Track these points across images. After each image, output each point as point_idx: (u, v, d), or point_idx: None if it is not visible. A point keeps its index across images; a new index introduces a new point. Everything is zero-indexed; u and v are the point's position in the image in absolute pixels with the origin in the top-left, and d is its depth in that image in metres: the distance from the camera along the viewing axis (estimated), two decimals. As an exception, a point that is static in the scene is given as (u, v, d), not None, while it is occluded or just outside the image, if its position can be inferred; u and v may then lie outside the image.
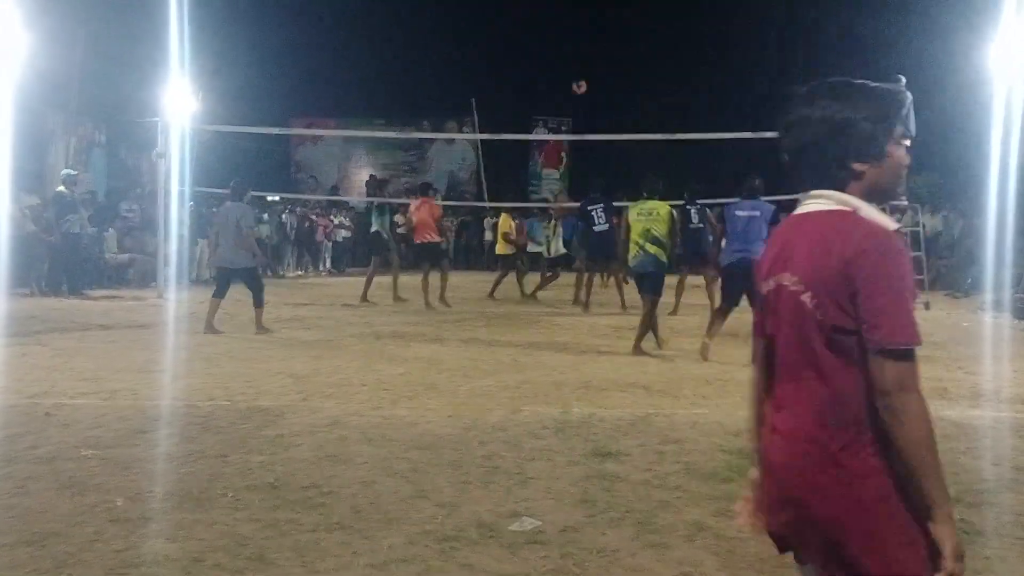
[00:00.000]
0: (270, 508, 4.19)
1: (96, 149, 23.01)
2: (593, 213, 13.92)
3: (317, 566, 3.52)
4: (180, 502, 4.28)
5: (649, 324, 9.36)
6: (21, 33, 13.12)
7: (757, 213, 9.14)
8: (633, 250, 9.22)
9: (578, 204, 15.08)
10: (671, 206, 9.63)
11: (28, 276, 15.50)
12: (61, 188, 15.76)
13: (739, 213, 9.17)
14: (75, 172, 16.79)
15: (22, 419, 5.96)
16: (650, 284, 9.33)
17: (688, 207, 13.39)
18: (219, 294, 10.85)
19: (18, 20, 12.93)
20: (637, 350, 9.18)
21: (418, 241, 14.31)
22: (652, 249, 9.14)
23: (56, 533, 3.83)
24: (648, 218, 9.20)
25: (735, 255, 8.96)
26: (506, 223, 16.71)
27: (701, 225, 13.22)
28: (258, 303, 10.83)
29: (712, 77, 30.08)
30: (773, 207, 9.44)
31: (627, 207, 9.70)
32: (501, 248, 16.86)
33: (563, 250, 16.80)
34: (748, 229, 9.02)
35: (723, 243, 9.56)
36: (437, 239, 14.35)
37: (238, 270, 10.83)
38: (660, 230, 9.17)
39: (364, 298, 14.69)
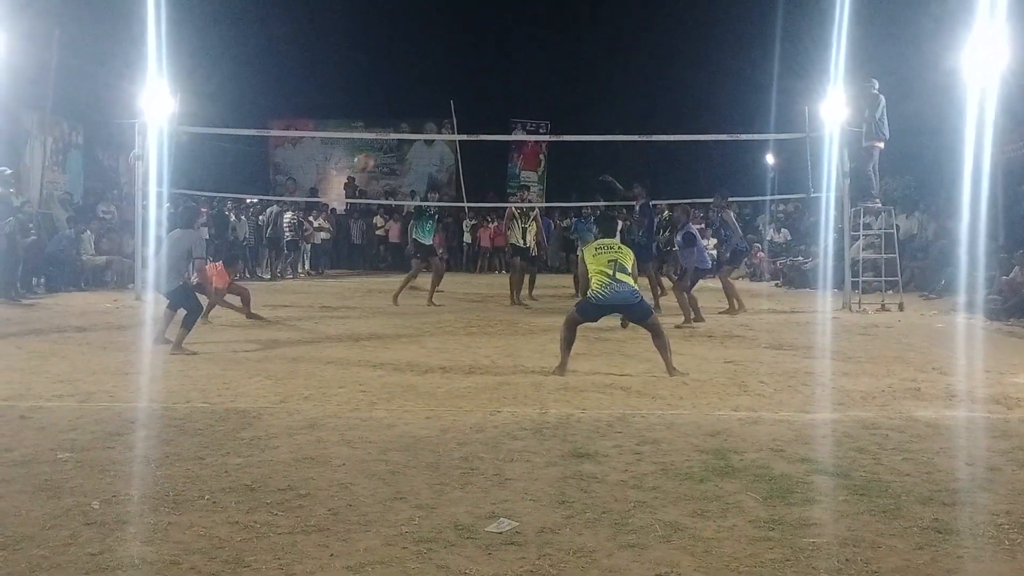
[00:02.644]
0: (247, 510, 4.17)
1: (73, 150, 22.87)
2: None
3: (294, 568, 3.52)
4: (156, 505, 4.26)
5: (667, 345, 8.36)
6: (-4, 32, 13.01)
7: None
8: (603, 280, 8.16)
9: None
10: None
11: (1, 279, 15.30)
12: None
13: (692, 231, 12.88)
14: (10, 171, 16.41)
15: (-4, 422, 5.92)
16: (644, 310, 8.47)
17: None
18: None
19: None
20: (673, 371, 8.16)
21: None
22: (625, 278, 8.20)
23: (30, 537, 3.81)
24: (609, 250, 8.34)
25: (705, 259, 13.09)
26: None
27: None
28: (187, 325, 9.62)
29: (690, 80, 30.22)
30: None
31: (581, 251, 8.86)
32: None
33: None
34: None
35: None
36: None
37: (172, 291, 9.84)
38: (626, 261, 8.28)
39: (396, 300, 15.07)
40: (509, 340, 10.54)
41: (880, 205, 16.17)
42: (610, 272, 8.15)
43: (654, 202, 15.94)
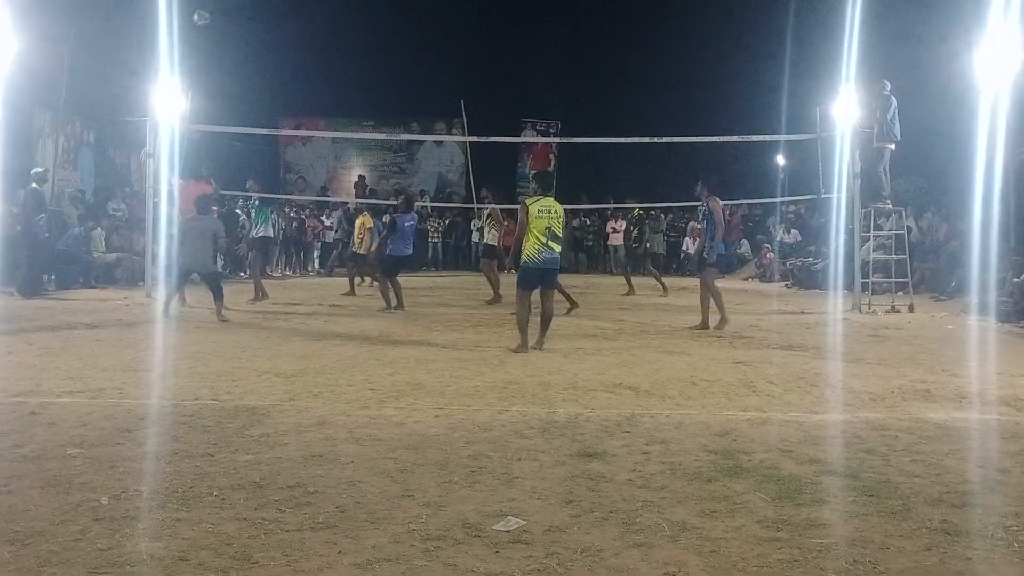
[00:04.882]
0: (255, 507, 4.18)
1: (84, 148, 22.97)
2: None
3: (302, 565, 3.52)
4: (165, 501, 4.27)
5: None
6: (9, 31, 13.04)
7: (413, 222, 14.39)
8: (537, 246, 9.31)
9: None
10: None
11: (13, 275, 15.39)
12: (35, 185, 15.63)
13: (407, 223, 14.04)
14: (43, 169, 16.77)
15: (7, 417, 5.93)
16: (553, 280, 9.77)
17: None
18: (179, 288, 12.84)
19: (6, 18, 12.84)
20: (541, 344, 9.56)
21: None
22: (555, 247, 9.43)
23: (40, 532, 3.82)
24: (549, 216, 9.35)
25: (404, 250, 14.01)
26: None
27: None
28: (220, 296, 12.20)
29: (701, 80, 30.18)
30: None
31: (523, 202, 9.65)
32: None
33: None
34: (411, 233, 14.16)
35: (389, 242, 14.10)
36: None
37: (207, 274, 12.47)
38: (558, 228, 9.44)
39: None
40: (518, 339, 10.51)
41: (891, 206, 16.14)
42: (544, 240, 9.29)
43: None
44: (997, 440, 5.72)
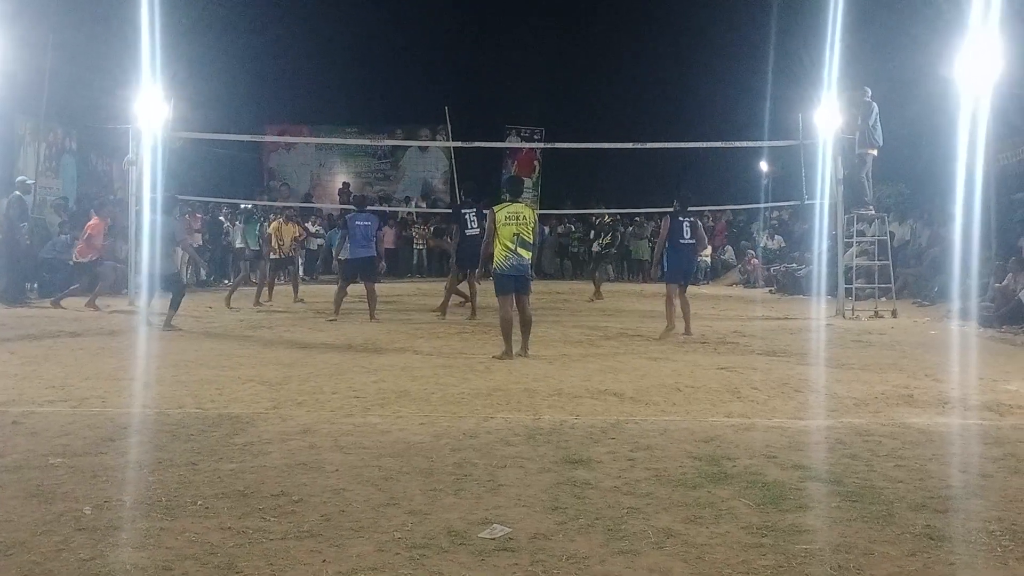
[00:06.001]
0: (240, 516, 4.17)
1: (67, 155, 22.83)
2: (467, 217, 14.29)
3: (287, 574, 3.51)
4: (149, 510, 4.25)
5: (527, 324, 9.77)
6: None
7: (369, 223, 13.75)
8: (505, 253, 9.39)
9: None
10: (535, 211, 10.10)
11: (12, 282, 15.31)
12: (18, 193, 15.61)
13: (358, 223, 13.66)
14: (31, 181, 16.84)
15: (-11, 427, 5.90)
16: (526, 286, 9.66)
17: (681, 219, 11.73)
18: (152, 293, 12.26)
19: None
20: (526, 350, 9.63)
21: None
22: (524, 253, 9.45)
23: (22, 542, 3.80)
24: (517, 222, 9.42)
25: (359, 252, 13.55)
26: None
27: (692, 241, 11.80)
28: (174, 305, 11.87)
29: (684, 87, 30.28)
30: (377, 217, 14.50)
31: (492, 209, 9.81)
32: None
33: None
34: (365, 234, 13.57)
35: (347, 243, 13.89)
36: None
37: (164, 276, 11.97)
38: (528, 235, 9.46)
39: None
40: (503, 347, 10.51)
41: (873, 212, 16.24)
42: (512, 247, 9.37)
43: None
44: (979, 445, 5.75)
